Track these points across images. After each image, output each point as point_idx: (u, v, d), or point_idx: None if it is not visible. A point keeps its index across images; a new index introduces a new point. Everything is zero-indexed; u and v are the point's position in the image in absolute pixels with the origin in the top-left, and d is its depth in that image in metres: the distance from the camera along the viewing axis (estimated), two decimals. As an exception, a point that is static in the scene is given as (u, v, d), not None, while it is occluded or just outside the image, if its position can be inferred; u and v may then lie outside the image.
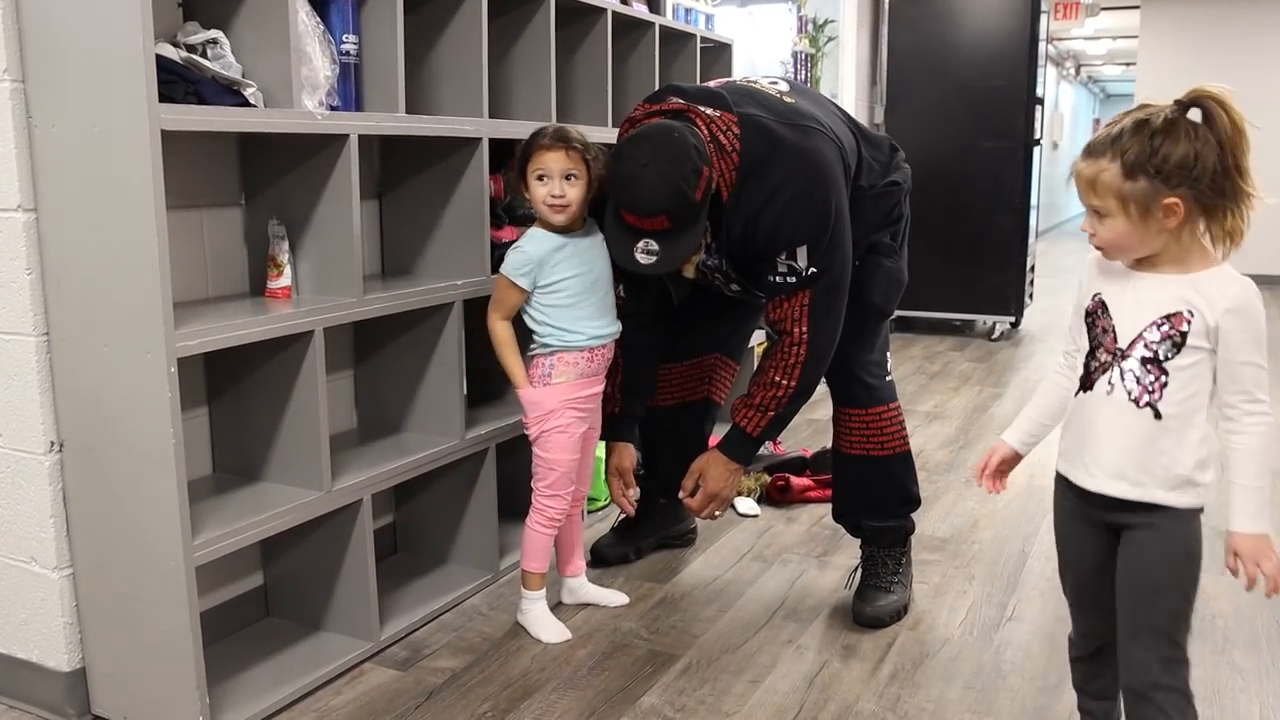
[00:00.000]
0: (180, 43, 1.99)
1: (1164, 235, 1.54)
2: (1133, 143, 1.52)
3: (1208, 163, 1.49)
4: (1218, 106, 1.53)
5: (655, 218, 2.15)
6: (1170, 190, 1.50)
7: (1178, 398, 1.54)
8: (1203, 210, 1.52)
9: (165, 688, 1.95)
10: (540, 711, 2.11)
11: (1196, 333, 1.52)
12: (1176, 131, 1.51)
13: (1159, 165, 1.49)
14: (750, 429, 2.37)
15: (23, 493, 2.00)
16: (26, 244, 1.90)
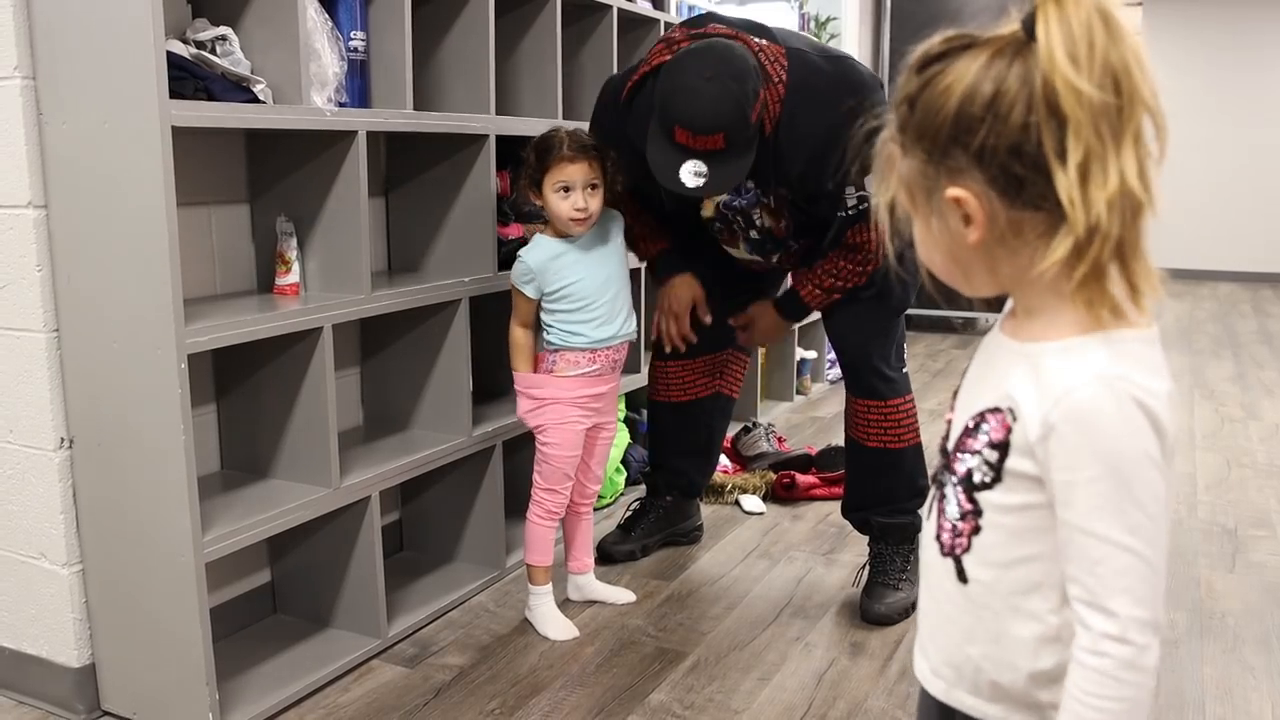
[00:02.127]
0: (189, 39, 1.99)
1: (989, 259, 0.88)
2: (909, 78, 0.90)
3: (1011, 117, 0.82)
4: (1052, 12, 0.81)
5: (713, 135, 2.05)
6: (950, 174, 0.86)
7: (992, 558, 0.92)
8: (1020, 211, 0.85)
9: (174, 683, 1.95)
10: (549, 708, 2.11)
11: (1018, 450, 0.88)
12: (966, 67, 0.85)
13: (922, 123, 0.87)
14: (808, 298, 2.44)
15: (33, 489, 2.00)
16: (36, 241, 1.89)
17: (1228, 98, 9.23)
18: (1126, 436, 0.82)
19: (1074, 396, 0.83)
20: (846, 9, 6.10)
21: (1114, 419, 0.82)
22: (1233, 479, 3.59)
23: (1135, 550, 0.83)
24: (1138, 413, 0.82)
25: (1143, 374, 0.83)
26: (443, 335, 2.55)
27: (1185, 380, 5.18)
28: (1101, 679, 0.84)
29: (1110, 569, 0.83)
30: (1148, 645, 0.84)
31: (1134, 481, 0.82)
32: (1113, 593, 0.83)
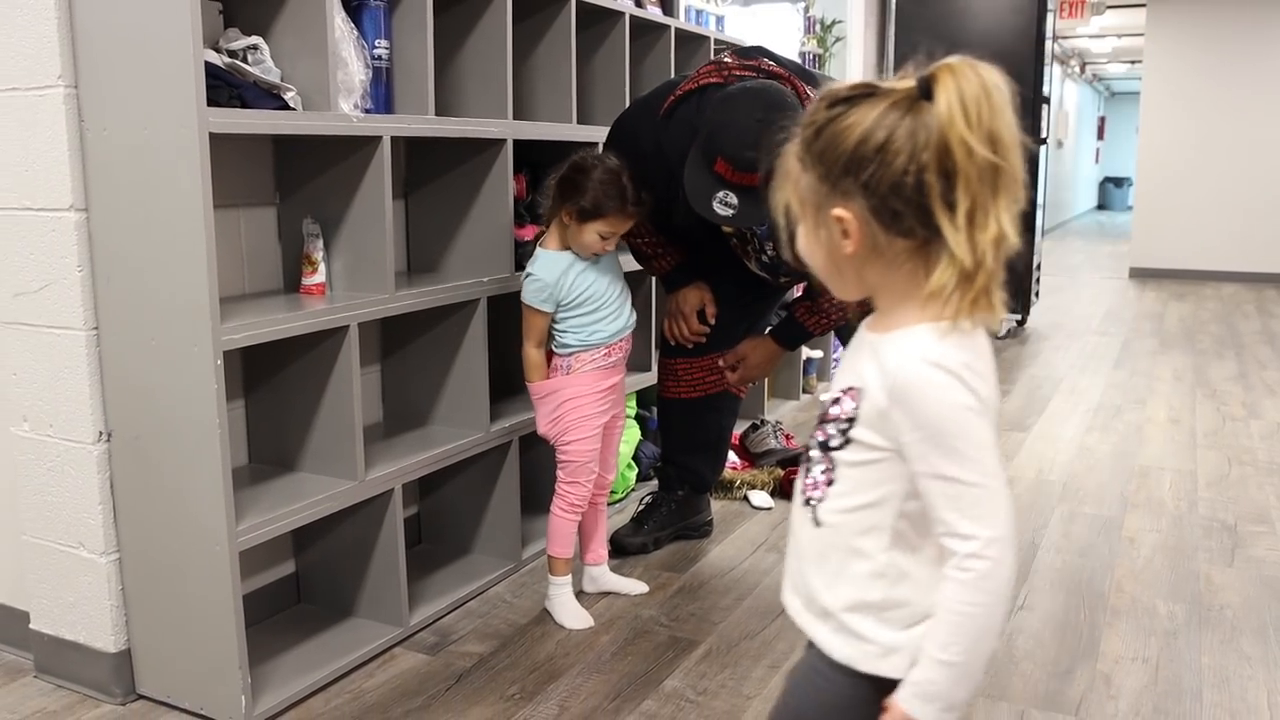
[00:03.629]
0: (223, 48, 2.06)
1: (860, 268, 1.06)
2: (810, 119, 1.04)
3: (895, 162, 0.98)
4: (949, 81, 0.97)
5: (752, 174, 2.15)
6: (839, 195, 1.02)
7: (839, 505, 1.10)
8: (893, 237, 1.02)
9: (208, 668, 2.02)
10: (566, 694, 2.18)
11: (866, 420, 1.06)
12: (867, 111, 1.00)
13: (824, 150, 1.02)
14: (810, 325, 2.55)
15: (72, 481, 2.08)
16: (78, 242, 1.97)
17: (1232, 98, 9.27)
18: (943, 397, 1.01)
19: (902, 373, 1.02)
20: (852, 12, 6.17)
21: (931, 385, 1.01)
22: (1233, 476, 3.66)
23: (974, 482, 1.01)
24: (948, 377, 1.01)
25: (956, 351, 1.02)
26: (461, 333, 2.62)
27: (1188, 379, 5.24)
28: (965, 589, 1.03)
29: (963, 504, 1.02)
30: (1002, 559, 1.02)
31: (959, 430, 1.01)
32: (965, 521, 1.02)
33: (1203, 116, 9.38)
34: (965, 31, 6.25)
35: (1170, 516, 3.25)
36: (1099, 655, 2.35)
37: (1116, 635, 2.45)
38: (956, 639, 1.04)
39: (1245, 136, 9.28)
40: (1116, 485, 3.55)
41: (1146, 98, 9.61)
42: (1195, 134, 9.42)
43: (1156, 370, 5.47)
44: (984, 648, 1.05)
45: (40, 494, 2.14)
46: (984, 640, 1.04)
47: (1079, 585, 2.73)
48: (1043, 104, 6.24)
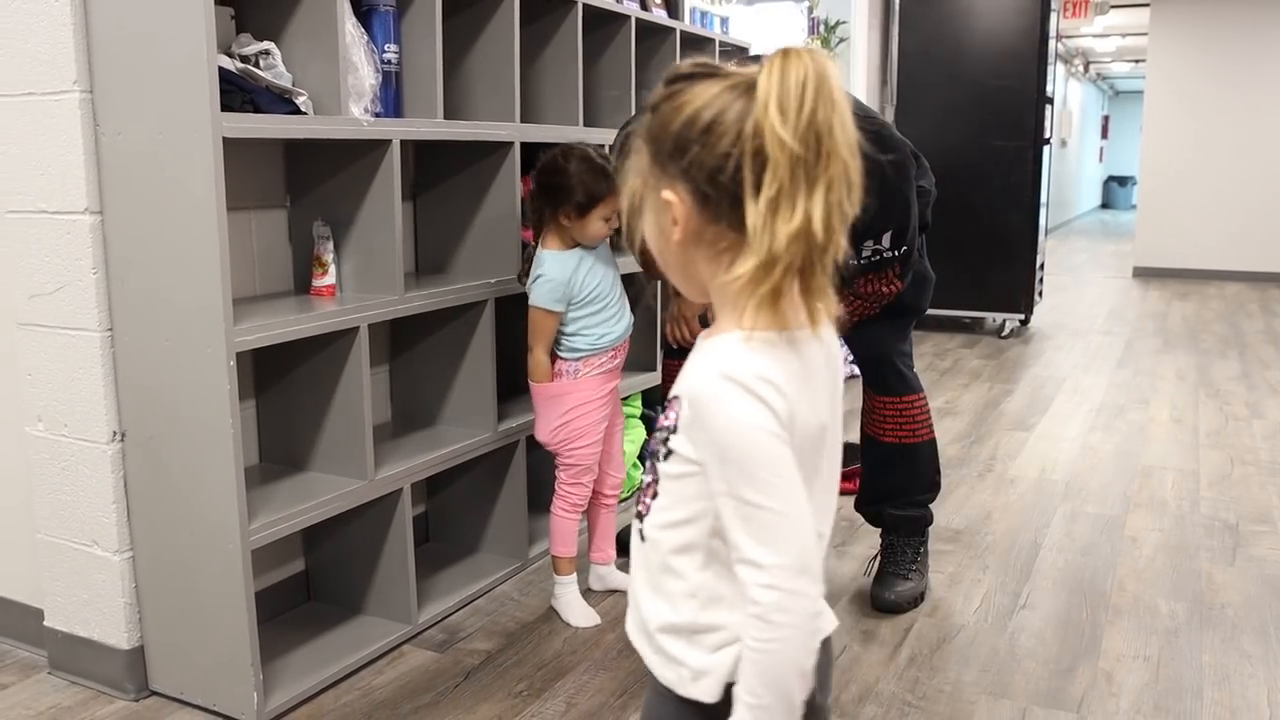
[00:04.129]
0: (235, 53, 2.09)
1: (688, 261, 1.00)
2: (658, 87, 0.99)
3: (718, 145, 0.92)
4: (775, 66, 0.90)
5: None
6: (668, 177, 0.97)
7: (658, 520, 1.03)
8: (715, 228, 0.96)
9: (220, 665, 2.05)
10: (573, 691, 2.21)
11: (680, 430, 0.99)
12: (701, 93, 0.94)
13: (657, 129, 0.97)
14: None
15: (86, 480, 2.11)
16: (92, 245, 2.00)
17: (1236, 97, 9.28)
18: (735, 416, 0.93)
19: (696, 387, 0.96)
20: (855, 13, 6.19)
21: (723, 403, 0.93)
22: (1235, 476, 3.68)
23: (769, 508, 0.93)
24: (743, 394, 0.92)
25: (757, 363, 0.94)
26: (469, 334, 2.65)
27: (1191, 379, 5.26)
28: (756, 622, 0.93)
29: (752, 527, 0.93)
30: (797, 590, 0.93)
31: (753, 452, 0.92)
32: (756, 546, 0.93)
33: (1207, 115, 9.38)
34: (969, 31, 6.26)
35: (1172, 516, 3.27)
36: (1100, 653, 2.38)
37: (1118, 633, 2.47)
38: (759, 680, 0.95)
39: (1249, 136, 9.28)
40: (1119, 484, 3.57)
41: (1150, 97, 9.62)
42: (1199, 133, 9.43)
43: (1160, 370, 5.49)
44: (790, 686, 0.95)
45: (55, 493, 2.16)
46: (787, 679, 0.94)
47: (1081, 584, 2.75)
48: (1046, 103, 6.25)
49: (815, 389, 0.98)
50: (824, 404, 0.99)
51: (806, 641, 0.94)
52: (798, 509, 0.94)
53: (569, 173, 2.34)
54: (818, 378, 0.99)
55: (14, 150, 2.06)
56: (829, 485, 1.05)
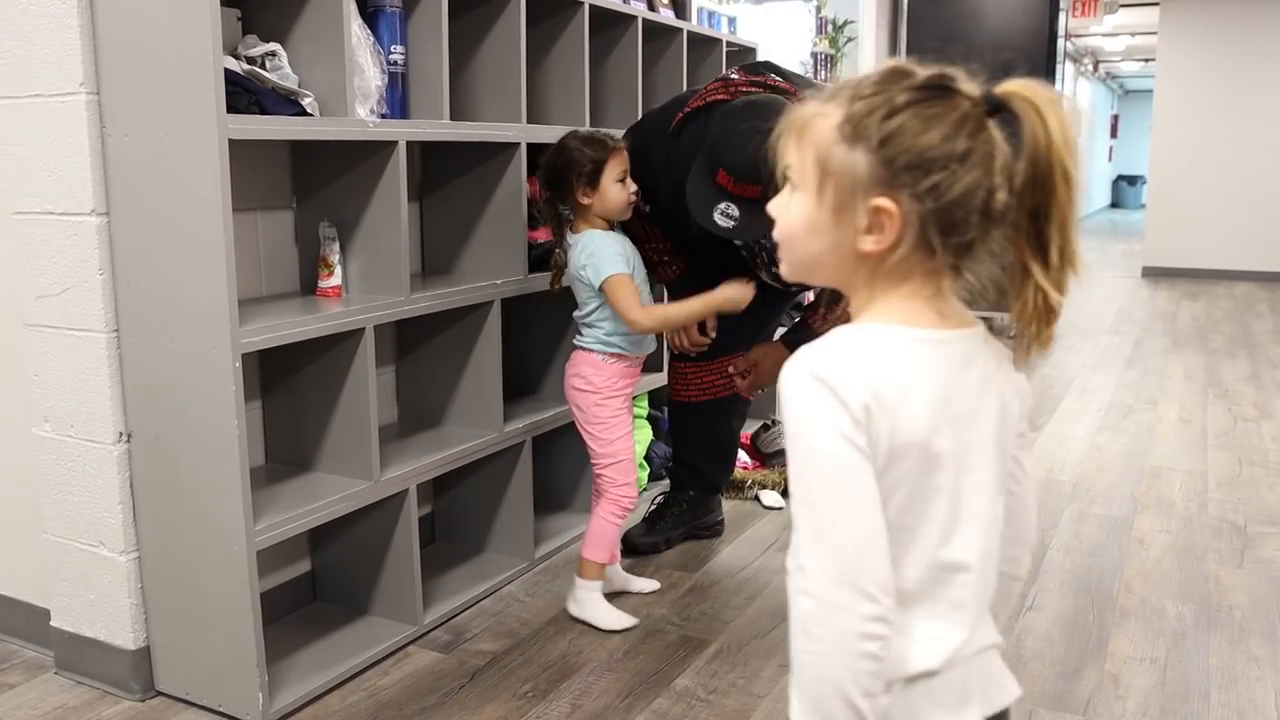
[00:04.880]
0: (241, 55, 2.09)
1: (854, 263, 0.96)
2: (876, 91, 0.92)
3: (966, 179, 0.89)
4: (1035, 113, 0.90)
5: (753, 185, 2.17)
6: (888, 187, 0.91)
7: None
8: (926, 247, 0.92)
9: (226, 666, 2.06)
10: (579, 692, 2.20)
11: None
12: (948, 110, 0.90)
13: (888, 138, 0.90)
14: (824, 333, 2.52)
15: (93, 481, 2.11)
16: (99, 246, 2.00)
17: (1246, 96, 9.24)
18: (806, 410, 0.88)
19: (784, 379, 0.92)
20: (864, 12, 6.18)
21: (799, 395, 0.89)
22: (1244, 477, 3.66)
23: (813, 504, 0.88)
24: (820, 389, 0.88)
25: (853, 359, 0.90)
26: (476, 335, 2.65)
27: (1200, 379, 5.24)
28: (797, 631, 0.88)
29: (804, 527, 0.89)
30: (835, 602, 0.86)
31: (819, 452, 0.88)
32: (804, 548, 0.88)
33: (1216, 114, 9.35)
34: (978, 30, 6.25)
35: (1180, 517, 3.26)
36: (1107, 655, 2.37)
37: (1125, 635, 2.46)
38: (802, 691, 0.88)
39: (1259, 135, 9.25)
40: (1127, 486, 3.56)
41: (1160, 96, 9.59)
42: (1209, 132, 9.39)
43: (1168, 370, 5.47)
44: (831, 710, 0.87)
45: (61, 493, 2.17)
46: (826, 701, 0.87)
47: (1088, 585, 2.74)
48: (1055, 103, 6.23)
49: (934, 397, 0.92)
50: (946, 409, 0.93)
51: (850, 663, 0.86)
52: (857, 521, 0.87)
53: (567, 148, 2.38)
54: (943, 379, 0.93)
55: (21, 151, 2.07)
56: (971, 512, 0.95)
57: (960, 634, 0.94)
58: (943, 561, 0.93)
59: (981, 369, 0.96)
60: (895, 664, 0.91)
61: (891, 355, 0.91)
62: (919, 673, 0.93)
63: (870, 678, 0.86)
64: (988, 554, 0.96)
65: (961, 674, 0.95)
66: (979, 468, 0.95)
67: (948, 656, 0.93)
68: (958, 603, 0.93)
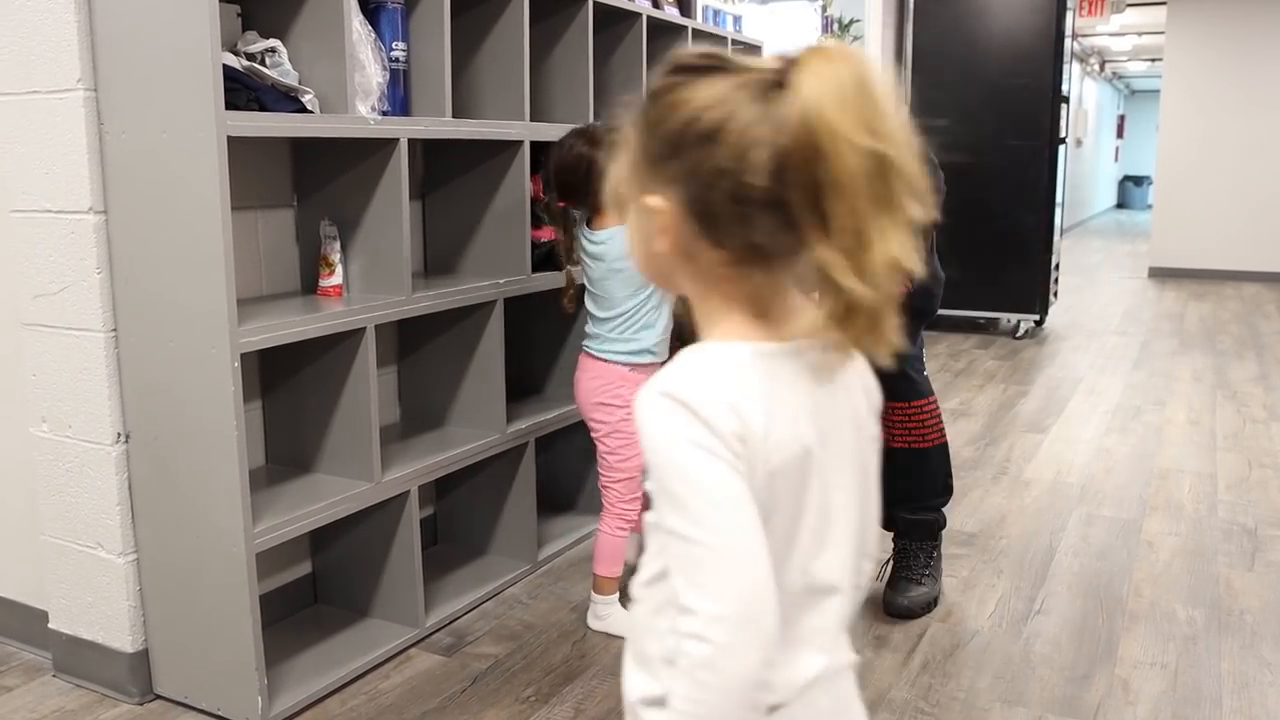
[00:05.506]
0: (241, 51, 2.07)
1: (673, 269, 0.87)
2: (661, 74, 0.85)
3: (712, 161, 0.79)
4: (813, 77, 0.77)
5: None
6: (652, 180, 0.84)
7: (642, 577, 0.89)
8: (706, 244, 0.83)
9: (225, 669, 2.03)
10: (582, 696, 2.18)
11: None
12: (713, 79, 0.81)
13: (649, 123, 0.84)
14: None
15: (91, 481, 2.09)
16: (96, 244, 1.98)
17: (1253, 96, 9.20)
18: (668, 431, 0.80)
19: (640, 410, 0.83)
20: (869, 11, 6.15)
21: (655, 418, 0.80)
22: (1253, 479, 3.63)
23: (700, 540, 0.78)
24: (677, 407, 0.79)
25: (702, 377, 0.82)
26: (478, 335, 2.63)
27: (1208, 380, 5.20)
28: (681, 680, 0.78)
29: (683, 564, 0.79)
30: (730, 645, 0.76)
31: (685, 470, 0.78)
32: (687, 589, 0.78)
33: (1223, 115, 9.30)
34: (984, 30, 6.22)
35: (1189, 520, 3.23)
36: (1117, 660, 2.34)
37: (1135, 640, 2.43)
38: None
39: (1266, 134, 9.20)
40: (1135, 488, 3.53)
41: (1166, 96, 9.54)
42: (1215, 132, 9.35)
43: (1176, 371, 5.44)
44: None
45: (59, 494, 2.15)
46: None
47: (1097, 589, 2.71)
48: (1062, 102, 6.20)
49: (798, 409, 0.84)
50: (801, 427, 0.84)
51: (741, 716, 0.78)
52: (736, 543, 0.78)
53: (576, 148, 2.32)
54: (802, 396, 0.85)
55: (18, 149, 2.05)
56: (837, 528, 0.88)
57: (821, 660, 0.87)
58: (810, 585, 0.86)
59: (835, 376, 0.87)
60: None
61: (748, 373, 0.82)
62: (777, 703, 0.85)
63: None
64: (856, 572, 0.90)
65: (819, 697, 0.88)
66: (843, 484, 0.88)
67: (809, 681, 0.87)
68: (820, 628, 0.87)
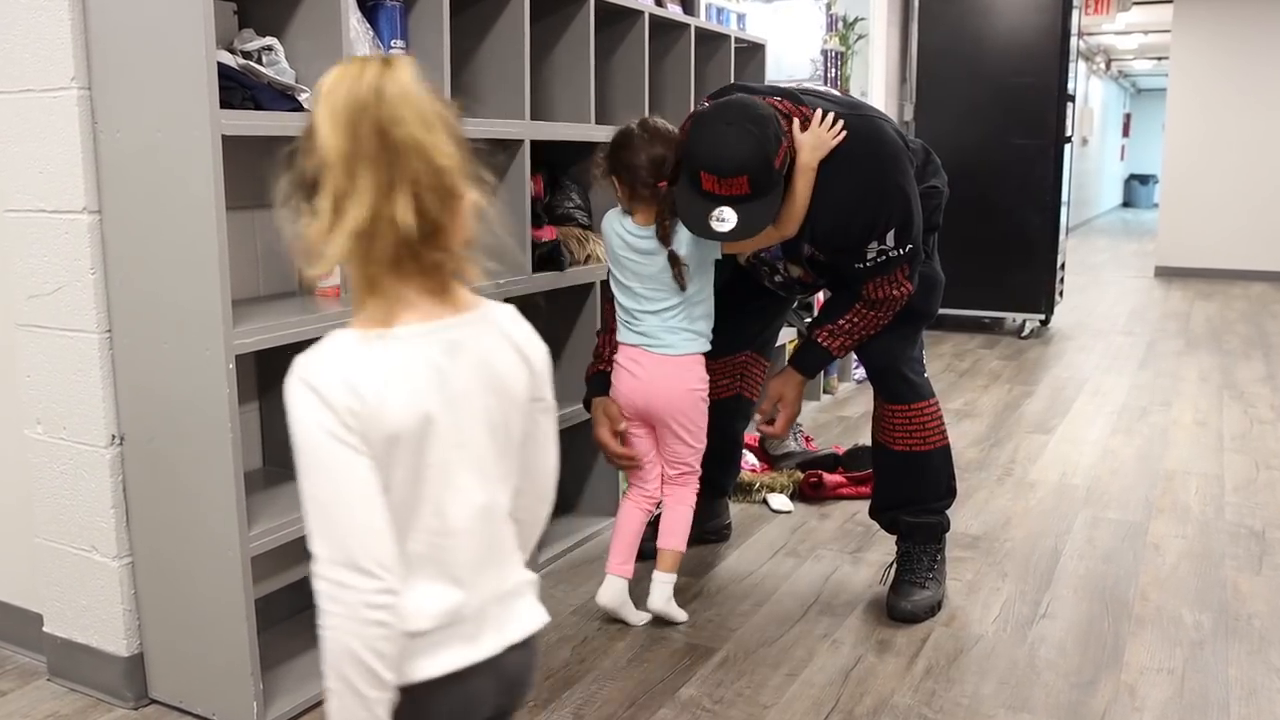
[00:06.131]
0: (237, 49, 2.05)
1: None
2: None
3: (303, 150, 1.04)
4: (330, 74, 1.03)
5: (737, 178, 2.12)
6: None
7: None
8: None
9: (220, 673, 2.01)
10: (582, 702, 2.16)
11: None
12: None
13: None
14: (834, 349, 2.47)
15: (85, 484, 2.07)
16: (90, 245, 1.96)
17: (1259, 95, 9.15)
18: (299, 414, 0.99)
19: (286, 387, 1.01)
20: (874, 9, 6.12)
21: (292, 401, 1.00)
22: (1261, 481, 3.60)
23: (321, 501, 0.99)
24: (308, 393, 0.98)
25: (330, 362, 1.00)
26: (478, 336, 2.60)
27: (1214, 380, 5.17)
28: (320, 609, 0.99)
29: (309, 519, 1.00)
30: (341, 582, 0.97)
31: (313, 448, 0.98)
32: (311, 538, 0.99)
33: (1230, 113, 9.26)
34: (989, 28, 6.19)
35: (1196, 522, 3.20)
36: (1123, 665, 2.31)
37: (1141, 645, 2.41)
38: (326, 659, 1.00)
39: (1273, 133, 9.16)
40: (1141, 489, 3.50)
41: (1173, 94, 9.50)
42: (1222, 131, 9.31)
43: (1182, 371, 5.40)
44: (347, 673, 0.98)
45: (53, 497, 2.13)
46: (343, 666, 0.98)
47: (1102, 593, 2.68)
48: (1067, 101, 6.17)
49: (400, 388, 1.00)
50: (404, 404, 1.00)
51: (360, 631, 0.97)
52: (351, 509, 0.98)
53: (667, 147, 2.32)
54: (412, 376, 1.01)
55: (12, 148, 2.03)
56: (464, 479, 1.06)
57: (457, 594, 1.05)
58: (438, 529, 1.04)
59: (474, 351, 1.05)
60: (404, 622, 1.01)
61: (371, 354, 1.00)
62: (420, 630, 1.03)
63: (381, 641, 0.98)
64: (486, 515, 1.07)
65: (468, 621, 1.06)
66: (470, 443, 1.05)
67: (447, 613, 1.05)
68: (453, 565, 1.05)
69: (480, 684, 1.08)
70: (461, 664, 1.05)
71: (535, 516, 1.20)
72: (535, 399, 1.12)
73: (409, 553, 1.03)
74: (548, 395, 1.14)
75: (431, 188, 0.99)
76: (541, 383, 1.13)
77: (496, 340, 1.08)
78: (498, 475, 1.09)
